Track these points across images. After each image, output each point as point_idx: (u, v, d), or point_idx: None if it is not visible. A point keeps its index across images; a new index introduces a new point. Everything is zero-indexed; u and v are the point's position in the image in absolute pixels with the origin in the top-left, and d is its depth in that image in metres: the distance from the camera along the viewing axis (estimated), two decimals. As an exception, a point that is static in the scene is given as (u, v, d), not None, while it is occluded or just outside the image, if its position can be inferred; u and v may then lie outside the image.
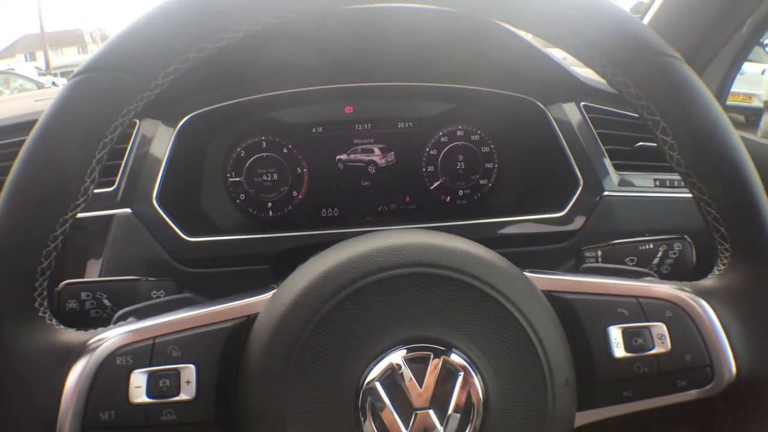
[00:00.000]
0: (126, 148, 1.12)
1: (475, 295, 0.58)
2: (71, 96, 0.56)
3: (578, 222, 1.18)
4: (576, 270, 0.87)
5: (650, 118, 0.62)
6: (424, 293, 0.57)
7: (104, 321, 0.79)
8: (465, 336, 0.57)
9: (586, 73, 1.39)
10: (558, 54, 1.26)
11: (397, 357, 0.55)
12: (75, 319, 0.79)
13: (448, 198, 1.36)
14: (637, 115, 1.21)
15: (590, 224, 1.18)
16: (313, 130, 1.30)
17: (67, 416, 0.56)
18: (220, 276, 1.12)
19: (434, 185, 1.35)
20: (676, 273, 0.88)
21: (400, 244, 0.59)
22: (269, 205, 1.31)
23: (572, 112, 1.25)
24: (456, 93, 1.30)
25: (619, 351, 0.63)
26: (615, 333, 0.64)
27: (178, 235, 1.10)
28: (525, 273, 0.64)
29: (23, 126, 1.21)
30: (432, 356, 0.55)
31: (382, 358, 0.55)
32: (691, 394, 0.64)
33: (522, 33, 1.18)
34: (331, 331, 0.55)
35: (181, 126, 1.15)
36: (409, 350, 0.56)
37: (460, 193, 1.36)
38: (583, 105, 1.26)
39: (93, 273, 1.08)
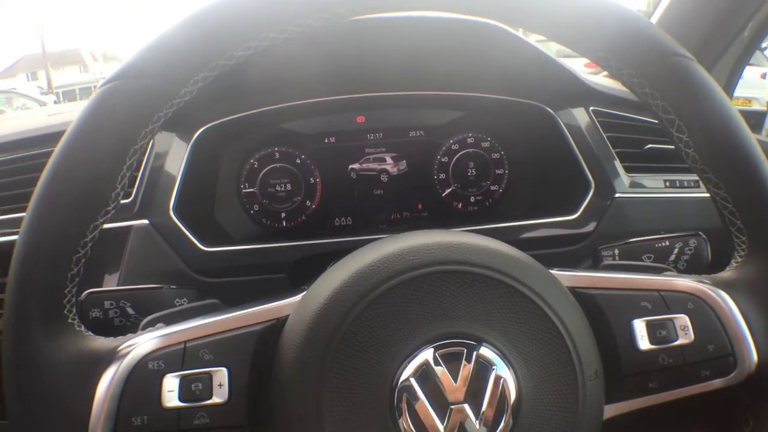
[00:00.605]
0: (142, 160, 1.13)
1: (505, 291, 0.59)
2: (103, 102, 0.57)
3: (591, 224, 1.20)
4: (596, 268, 0.89)
5: (665, 117, 0.63)
6: (455, 290, 0.58)
7: (128, 329, 0.79)
8: (497, 332, 0.58)
9: (593, 78, 1.40)
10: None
11: (430, 353, 0.56)
12: (98, 328, 0.79)
13: (460, 204, 1.37)
14: (645, 118, 1.24)
15: (603, 226, 1.19)
16: (326, 141, 1.32)
17: (99, 422, 0.56)
18: (236, 285, 1.13)
19: (446, 192, 1.37)
20: (692, 269, 0.89)
21: (430, 243, 0.61)
22: (283, 215, 1.32)
23: (581, 117, 1.26)
24: (466, 101, 1.31)
25: (644, 343, 0.65)
26: (639, 326, 0.65)
27: (195, 245, 1.11)
28: (551, 271, 0.65)
29: (44, 138, 1.24)
30: (465, 351, 0.56)
31: (416, 355, 0.56)
32: (715, 384, 0.66)
33: (529, 39, 1.20)
34: (364, 331, 0.56)
35: (195, 138, 1.16)
36: (442, 346, 0.56)
37: (472, 199, 1.37)
38: (592, 110, 1.27)
39: (111, 284, 1.09)
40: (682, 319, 0.65)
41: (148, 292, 0.82)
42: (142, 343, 0.59)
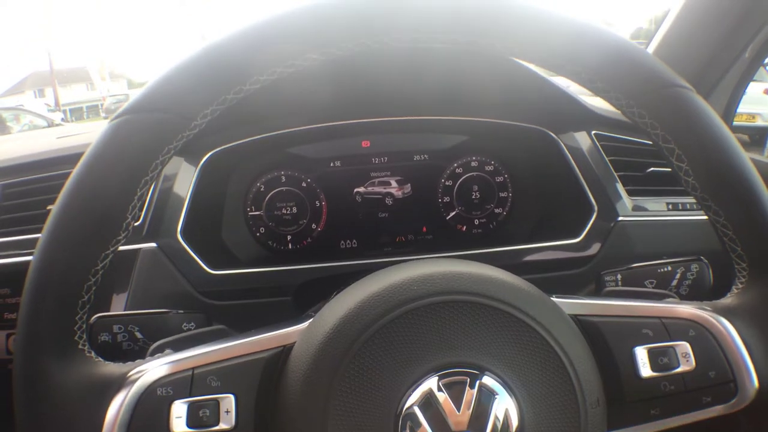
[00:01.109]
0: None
1: (508, 321, 0.60)
2: (116, 135, 0.58)
3: (594, 247, 1.21)
4: (597, 294, 0.90)
5: (665, 146, 0.64)
6: (458, 320, 0.59)
7: (136, 353, 0.80)
8: (500, 361, 0.59)
9: (595, 102, 1.42)
10: (564, 83, 1.29)
11: (434, 382, 0.57)
12: (107, 352, 0.81)
13: (464, 227, 1.39)
14: (648, 142, 1.25)
15: (606, 249, 1.20)
16: (331, 164, 1.33)
17: None
18: (242, 308, 1.14)
19: (450, 215, 1.38)
20: (694, 294, 0.90)
21: (434, 273, 0.62)
22: (289, 238, 1.33)
23: (584, 141, 1.27)
24: (469, 125, 1.32)
25: (646, 370, 0.65)
26: (641, 353, 0.66)
27: (202, 268, 1.12)
28: (552, 298, 0.66)
29: (54, 161, 1.27)
30: (468, 380, 0.57)
31: (420, 384, 0.57)
32: (717, 410, 0.66)
33: (532, 65, 1.21)
34: (369, 360, 0.57)
35: (203, 162, 1.18)
36: (445, 375, 0.57)
37: (476, 222, 1.39)
38: (594, 133, 1.29)
39: (118, 307, 1.10)
40: (684, 346, 0.66)
41: (156, 317, 0.83)
42: (151, 370, 0.60)
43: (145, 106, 0.59)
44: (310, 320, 0.65)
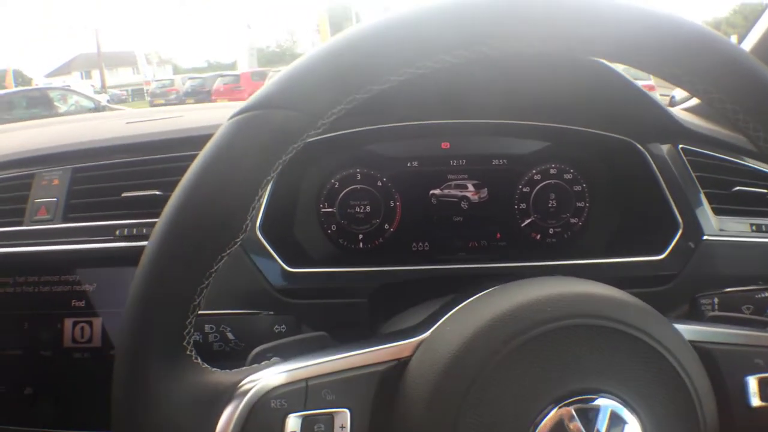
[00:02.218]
0: None
1: (640, 347, 0.58)
2: (241, 131, 0.56)
3: (677, 266, 1.16)
4: (693, 317, 0.87)
5: None
6: (591, 345, 0.57)
7: (227, 354, 0.79)
8: (632, 389, 0.57)
9: (683, 114, 1.38)
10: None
11: (565, 410, 0.55)
12: (198, 353, 0.80)
13: (539, 236, 1.35)
14: (735, 159, 1.21)
15: (689, 268, 1.16)
16: (408, 164, 1.31)
17: None
18: (317, 308, 1.12)
19: (525, 222, 1.35)
20: None
21: (566, 294, 0.60)
22: (360, 236, 1.32)
23: (671, 154, 1.24)
24: (551, 131, 1.29)
25: (755, 400, 0.64)
26: (752, 382, 0.64)
27: (280, 266, 1.10)
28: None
29: (128, 148, 1.27)
30: (599, 407, 0.55)
31: (551, 411, 0.55)
32: None
33: (621, 71, 1.18)
34: (499, 383, 0.55)
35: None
36: (576, 402, 0.55)
37: (551, 231, 1.35)
38: (681, 147, 1.25)
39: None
40: None
41: (246, 318, 0.82)
42: (264, 380, 0.58)
43: (272, 102, 0.56)
44: (429, 333, 0.63)
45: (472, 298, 0.65)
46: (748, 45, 1.52)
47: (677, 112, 1.39)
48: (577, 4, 0.57)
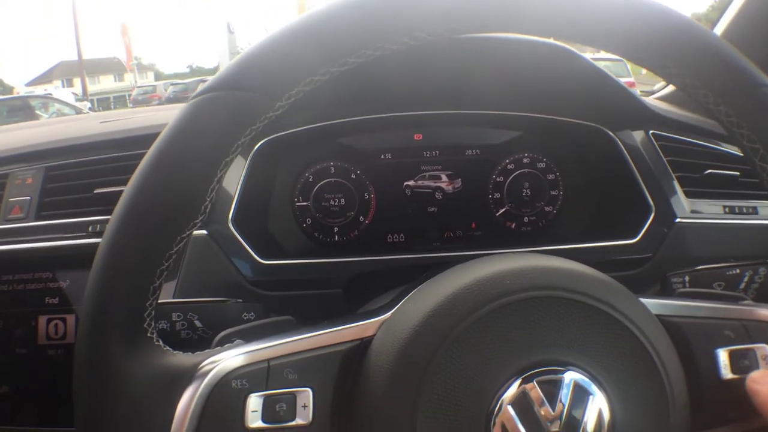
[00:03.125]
0: None
1: (603, 319, 0.58)
2: (198, 113, 0.56)
3: (650, 249, 1.18)
4: (665, 295, 0.88)
5: (750, 145, 0.62)
6: (552, 317, 0.57)
7: (195, 342, 0.79)
8: (594, 360, 0.57)
9: (652, 100, 1.39)
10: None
11: (527, 380, 0.55)
12: (165, 341, 0.79)
13: (513, 225, 1.36)
14: (705, 143, 1.22)
15: (662, 251, 1.17)
16: (382, 157, 1.31)
17: None
18: (291, 299, 1.12)
19: (500, 212, 1.35)
20: (761, 297, 0.88)
21: (526, 267, 0.60)
22: (335, 229, 1.32)
23: (641, 140, 1.25)
24: (523, 121, 1.30)
25: (726, 373, 0.65)
26: (722, 355, 0.65)
27: (253, 257, 1.10)
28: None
29: (101, 145, 1.27)
30: (562, 379, 0.55)
31: (513, 381, 0.55)
32: None
33: (591, 59, 1.18)
34: (460, 356, 0.55)
35: (255, 151, 1.17)
36: (539, 374, 0.55)
37: (526, 219, 1.36)
38: (652, 133, 1.26)
39: (166, 294, 1.09)
40: (764, 349, 0.65)
41: (214, 305, 0.82)
42: (225, 360, 0.58)
43: (230, 84, 0.56)
44: (391, 313, 0.63)
45: (434, 277, 0.66)
46: (718, 30, 1.53)
47: (647, 98, 1.40)
48: None
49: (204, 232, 1.10)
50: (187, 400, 0.56)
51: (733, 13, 1.48)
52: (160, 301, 0.80)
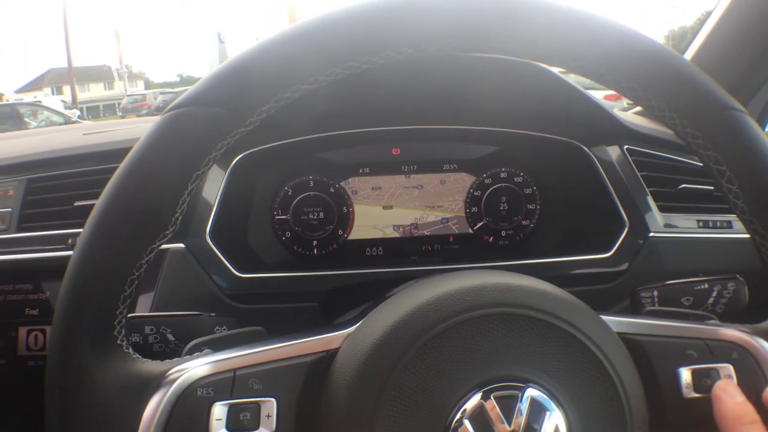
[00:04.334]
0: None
1: (560, 336, 0.59)
2: (170, 127, 0.57)
3: (624, 263, 1.19)
4: (634, 309, 0.89)
5: (716, 167, 0.64)
6: (511, 333, 0.58)
7: (168, 355, 0.79)
8: (550, 376, 0.58)
9: (627, 116, 1.41)
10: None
11: (486, 395, 0.56)
12: (138, 353, 0.80)
13: (491, 238, 1.37)
14: (679, 158, 1.24)
15: (636, 265, 1.19)
16: (360, 171, 1.32)
17: None
18: (269, 313, 1.13)
19: (477, 226, 1.37)
20: (730, 311, 0.90)
21: (488, 284, 0.61)
22: (314, 243, 1.33)
23: (615, 155, 1.27)
24: (500, 136, 1.32)
25: (689, 391, 0.65)
26: (685, 374, 0.66)
27: (230, 271, 1.11)
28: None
29: (83, 157, 1.28)
30: (519, 395, 0.56)
31: (471, 396, 0.56)
32: None
33: (567, 77, 1.20)
34: (420, 370, 0.56)
35: (233, 165, 1.18)
36: (496, 389, 0.56)
37: (503, 233, 1.37)
38: (626, 148, 1.28)
39: (144, 307, 1.10)
40: (727, 368, 0.65)
41: (187, 319, 0.83)
42: (192, 369, 0.59)
43: (201, 100, 0.58)
44: (356, 326, 0.64)
45: (400, 290, 0.67)
46: (688, 54, 1.56)
47: (624, 114, 1.42)
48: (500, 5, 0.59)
49: (181, 245, 1.11)
50: (154, 406, 0.57)
51: (705, 34, 1.51)
52: (133, 314, 0.81)
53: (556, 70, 1.17)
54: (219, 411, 0.58)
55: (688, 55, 1.56)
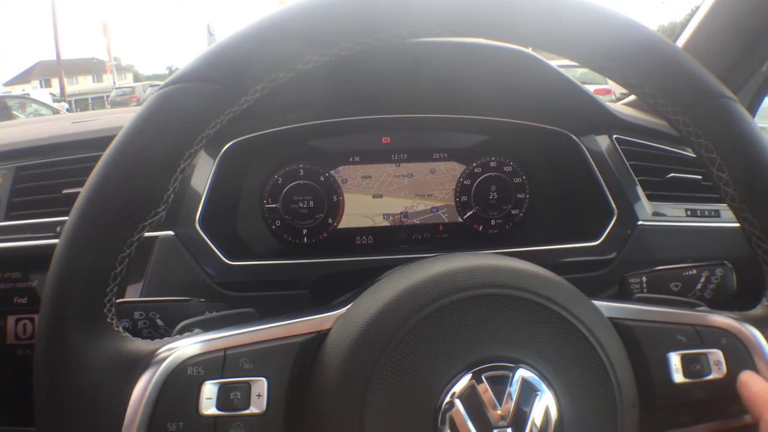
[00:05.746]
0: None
1: (551, 317, 0.60)
2: (165, 102, 0.57)
3: (613, 251, 1.20)
4: (622, 296, 0.89)
5: (707, 155, 0.64)
6: (502, 314, 0.59)
7: None
8: (542, 358, 0.59)
9: (616, 106, 1.41)
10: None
11: (475, 376, 0.56)
12: None
13: (481, 227, 1.38)
14: (667, 147, 1.24)
15: (625, 253, 1.20)
16: (350, 159, 1.33)
17: (133, 425, 0.56)
18: (258, 300, 1.13)
19: (467, 215, 1.37)
20: (718, 298, 0.90)
21: (479, 266, 0.61)
22: (304, 231, 1.33)
23: (605, 144, 1.27)
24: (490, 125, 1.32)
25: (678, 376, 0.66)
26: (674, 359, 0.66)
27: (220, 258, 1.11)
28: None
29: (71, 145, 1.27)
30: (510, 376, 0.57)
31: (461, 377, 0.56)
32: (745, 419, 0.66)
33: (556, 65, 1.20)
34: (410, 350, 0.57)
35: (223, 152, 1.17)
36: (487, 369, 0.57)
37: (493, 222, 1.38)
38: (615, 137, 1.28)
39: (133, 294, 1.09)
40: (716, 354, 0.66)
41: (177, 304, 0.82)
42: (182, 348, 0.59)
43: (197, 76, 0.57)
44: (347, 307, 0.64)
45: (391, 272, 0.67)
46: (680, 42, 1.56)
47: (613, 105, 1.42)
48: None
49: (171, 233, 1.10)
50: (143, 385, 0.57)
51: (695, 25, 1.52)
52: (122, 299, 0.81)
53: (546, 59, 1.17)
54: (209, 390, 0.58)
55: (679, 44, 1.56)
